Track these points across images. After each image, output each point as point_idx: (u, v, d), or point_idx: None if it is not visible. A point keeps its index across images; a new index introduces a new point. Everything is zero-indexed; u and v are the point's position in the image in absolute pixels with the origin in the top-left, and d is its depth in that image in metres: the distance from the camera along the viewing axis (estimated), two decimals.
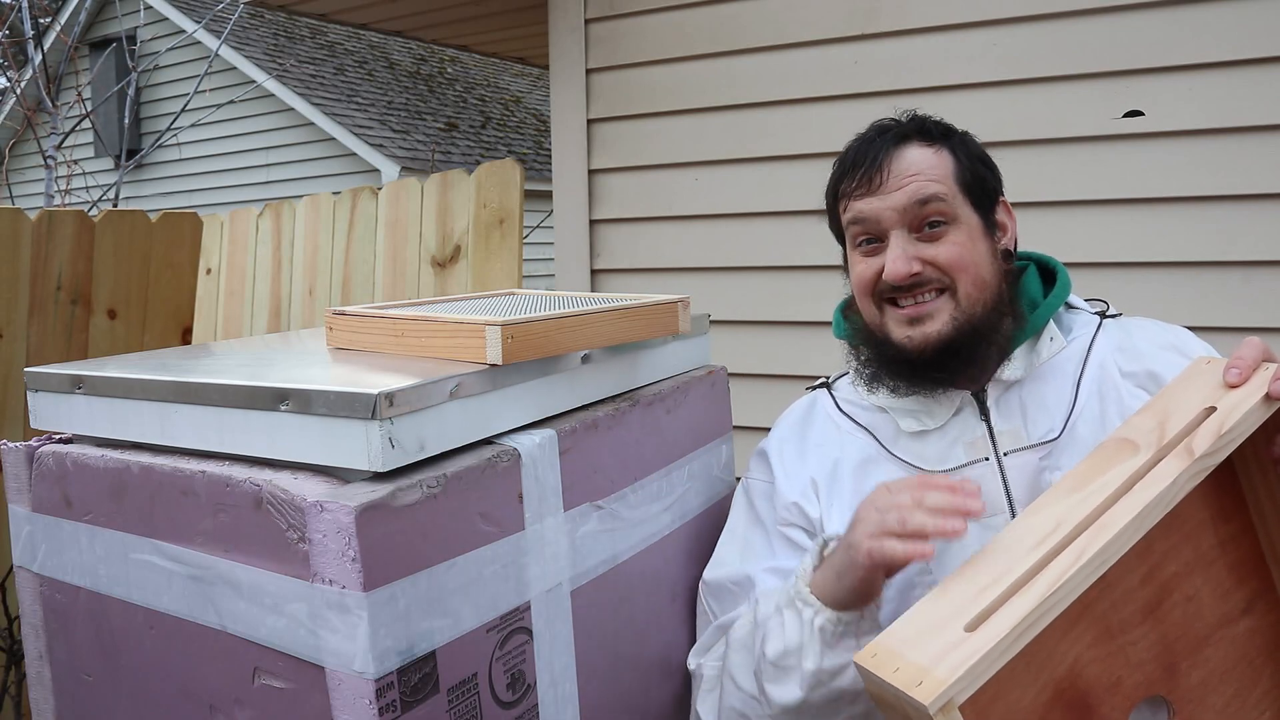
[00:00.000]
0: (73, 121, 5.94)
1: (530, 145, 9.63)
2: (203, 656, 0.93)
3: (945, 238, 1.09)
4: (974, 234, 1.11)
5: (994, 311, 1.11)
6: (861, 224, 1.11)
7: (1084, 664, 0.85)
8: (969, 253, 1.09)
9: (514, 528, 0.96)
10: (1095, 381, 1.11)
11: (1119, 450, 0.91)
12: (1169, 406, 0.93)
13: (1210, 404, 0.90)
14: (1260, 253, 2.03)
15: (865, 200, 1.11)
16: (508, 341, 0.97)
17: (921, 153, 1.11)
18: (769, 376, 2.49)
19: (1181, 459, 0.86)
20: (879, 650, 0.81)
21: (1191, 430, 0.88)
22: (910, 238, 1.09)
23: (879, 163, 1.10)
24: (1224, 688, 0.92)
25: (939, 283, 1.09)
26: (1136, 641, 0.88)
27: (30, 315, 2.49)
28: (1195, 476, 0.86)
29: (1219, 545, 0.93)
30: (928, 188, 1.08)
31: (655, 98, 2.69)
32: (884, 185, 1.09)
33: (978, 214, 1.12)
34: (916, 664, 0.77)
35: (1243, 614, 0.93)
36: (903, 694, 0.76)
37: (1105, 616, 0.86)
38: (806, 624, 1.00)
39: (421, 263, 2.36)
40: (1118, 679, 0.86)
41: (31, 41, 6.15)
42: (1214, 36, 2.05)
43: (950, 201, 1.09)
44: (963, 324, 1.09)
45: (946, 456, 1.12)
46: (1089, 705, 0.85)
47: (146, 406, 1.00)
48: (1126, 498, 0.85)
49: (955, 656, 0.76)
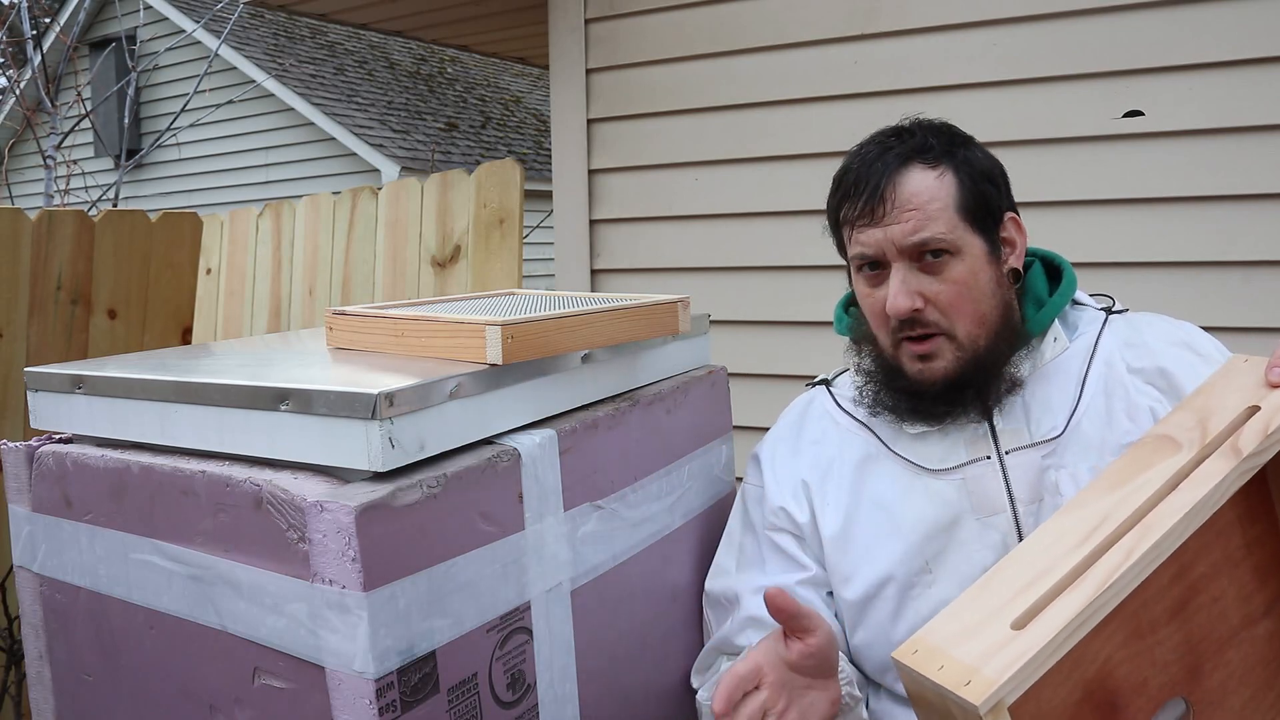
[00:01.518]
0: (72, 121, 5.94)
1: (530, 145, 9.63)
2: (203, 656, 0.93)
3: (946, 272, 1.07)
4: (976, 264, 1.08)
5: (998, 340, 1.10)
6: (863, 253, 1.10)
7: (1114, 664, 0.83)
8: (968, 290, 1.07)
9: (514, 528, 0.96)
10: (1101, 378, 1.11)
11: (1159, 448, 0.89)
12: (1209, 404, 0.92)
13: (1253, 403, 0.89)
14: (1260, 253, 2.03)
15: (867, 231, 1.09)
16: (508, 341, 0.97)
17: (923, 179, 1.07)
18: (769, 376, 2.49)
19: (1228, 458, 0.85)
20: (920, 647, 0.79)
21: (1236, 429, 0.87)
22: (911, 268, 1.07)
23: (880, 192, 1.07)
24: (1242, 690, 0.91)
25: (938, 326, 1.08)
26: (1163, 642, 0.87)
27: (30, 315, 2.49)
28: (1243, 475, 0.84)
29: (1245, 547, 0.92)
30: (927, 227, 1.06)
31: (655, 98, 2.69)
32: (885, 216, 1.07)
33: (981, 237, 1.09)
34: (962, 662, 0.75)
35: (1262, 616, 0.92)
36: (949, 693, 0.74)
37: (1136, 616, 0.85)
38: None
39: (421, 263, 2.36)
40: (1144, 680, 0.85)
41: (31, 41, 6.15)
42: (1214, 36, 2.05)
43: (951, 233, 1.07)
44: (967, 361, 1.08)
45: (948, 455, 1.12)
46: (1116, 706, 0.84)
47: (146, 406, 0.99)
48: (1173, 495, 0.83)
49: (1004, 655, 0.74)
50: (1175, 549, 0.81)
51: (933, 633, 0.80)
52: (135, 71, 6.61)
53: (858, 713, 1.06)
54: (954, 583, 1.07)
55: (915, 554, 1.10)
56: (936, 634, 0.80)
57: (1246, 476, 0.85)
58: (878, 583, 1.12)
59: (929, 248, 1.06)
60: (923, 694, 0.78)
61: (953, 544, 1.09)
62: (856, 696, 1.05)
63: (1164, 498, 0.84)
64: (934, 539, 1.10)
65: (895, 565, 1.11)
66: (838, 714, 0.99)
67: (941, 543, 1.10)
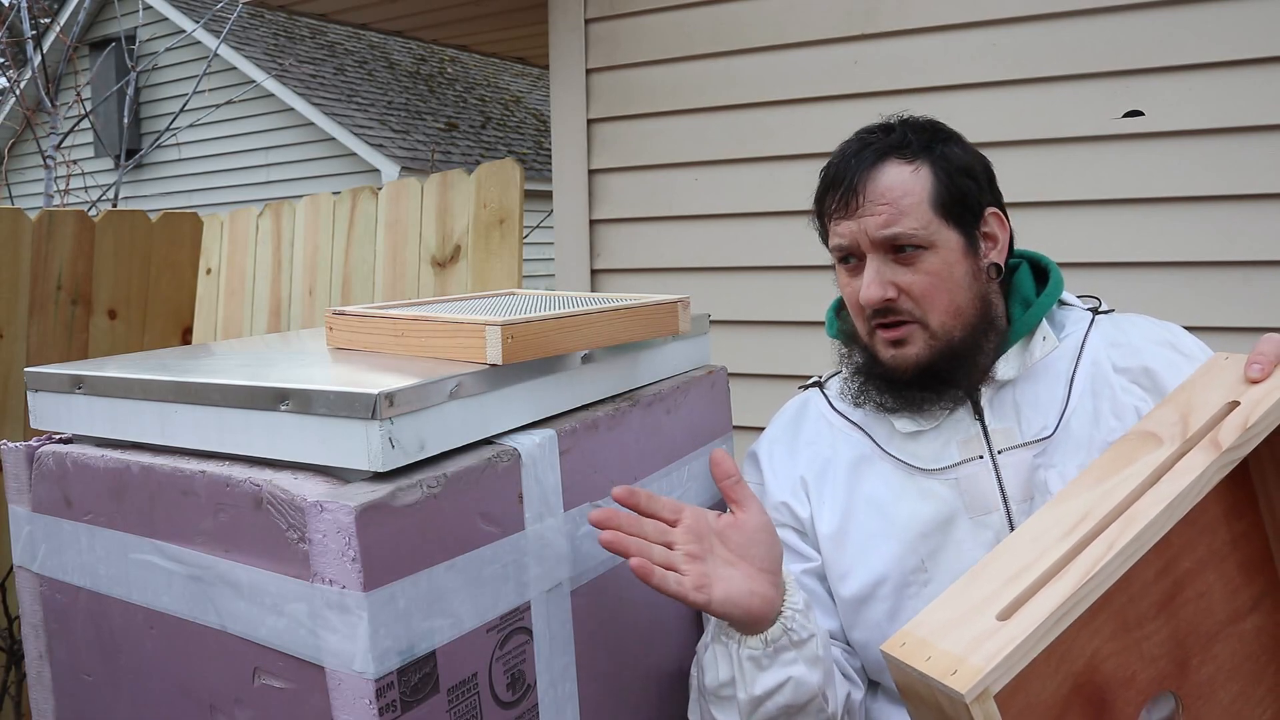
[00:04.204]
0: (72, 121, 5.94)
1: (530, 145, 9.63)
2: (203, 656, 0.93)
3: (919, 264, 1.09)
4: (951, 257, 1.09)
5: (973, 332, 1.11)
6: (840, 245, 1.13)
7: (1102, 658, 0.85)
8: (942, 281, 1.09)
9: (514, 528, 0.96)
10: (1088, 378, 1.12)
11: (1142, 443, 0.91)
12: (1190, 400, 0.93)
13: (1233, 398, 0.91)
14: (1260, 253, 2.03)
15: (843, 224, 1.11)
16: (508, 341, 0.97)
17: (898, 174, 1.09)
18: (769, 376, 2.49)
19: (1208, 452, 0.86)
20: (908, 639, 0.80)
21: (1216, 424, 0.89)
22: (885, 260, 1.09)
23: (854, 186, 1.10)
24: (1230, 685, 0.92)
25: (910, 314, 1.10)
26: (1150, 636, 0.88)
27: (30, 315, 2.49)
28: (1223, 469, 0.86)
29: (1231, 542, 0.93)
30: (899, 221, 1.08)
31: (655, 98, 2.69)
32: (860, 209, 1.09)
33: (958, 232, 1.10)
34: (949, 652, 0.76)
35: (1249, 611, 0.93)
36: (936, 682, 0.75)
37: (1123, 610, 0.86)
38: (734, 656, 1.01)
39: (421, 263, 2.36)
40: (1133, 673, 0.86)
41: (31, 41, 6.15)
42: (1214, 36, 2.05)
43: (924, 228, 1.08)
44: (940, 349, 1.10)
45: (941, 455, 1.13)
46: (1105, 700, 0.85)
47: (146, 406, 0.99)
48: (1155, 489, 0.85)
49: (990, 645, 0.75)
50: (1157, 541, 0.82)
51: (920, 625, 0.81)
52: (135, 71, 6.61)
53: (811, 648, 1.02)
54: (949, 581, 1.08)
55: (910, 553, 1.11)
56: (924, 626, 0.81)
57: (1227, 469, 0.86)
58: (873, 582, 1.13)
59: (900, 242, 1.08)
60: (911, 685, 0.79)
61: (947, 543, 1.10)
62: (806, 628, 1.02)
63: (1146, 491, 0.85)
64: (929, 538, 1.11)
65: (891, 564, 1.12)
66: (769, 618, 0.99)
67: (936, 541, 1.11)
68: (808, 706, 1.02)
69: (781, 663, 1.00)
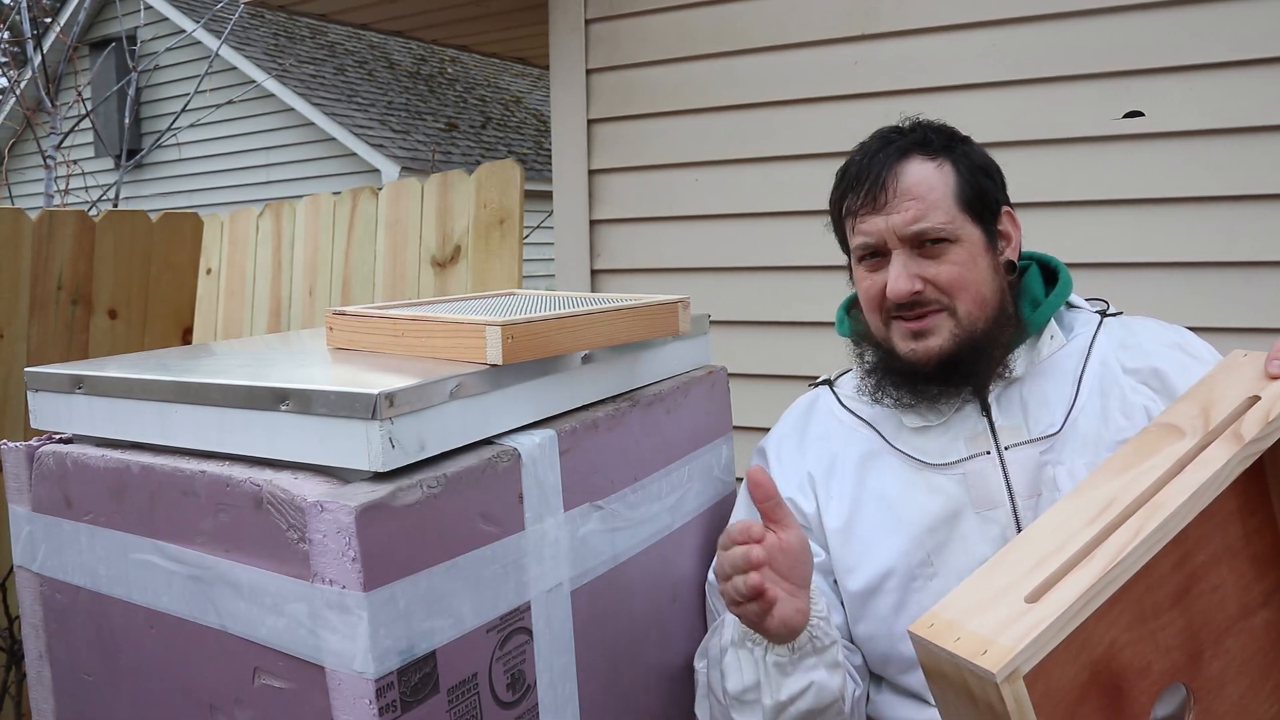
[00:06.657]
0: (72, 121, 5.94)
1: (530, 145, 9.62)
2: (203, 656, 0.93)
3: (945, 256, 1.10)
4: (975, 250, 1.12)
5: (994, 325, 1.12)
6: (866, 242, 1.13)
7: (1120, 647, 0.86)
8: (969, 272, 1.10)
9: (514, 528, 0.96)
10: (1097, 378, 1.13)
11: (1165, 435, 0.93)
12: (1211, 395, 0.95)
13: (1253, 393, 0.93)
14: (1261, 253, 2.03)
15: (869, 220, 1.12)
16: (508, 341, 0.97)
17: (923, 169, 1.11)
18: (769, 377, 2.49)
19: (1230, 444, 0.88)
20: (936, 621, 0.81)
21: (1238, 417, 0.91)
22: (912, 254, 1.11)
23: (882, 181, 1.11)
24: (1241, 679, 0.93)
25: (938, 303, 1.11)
26: (1166, 627, 0.89)
27: (31, 315, 2.49)
28: (1245, 460, 0.88)
29: (1244, 537, 0.94)
30: (927, 215, 1.09)
31: (656, 98, 2.69)
32: (887, 205, 1.10)
33: (979, 228, 1.12)
34: (978, 634, 0.77)
35: (1260, 607, 0.95)
36: (966, 663, 0.75)
37: (1141, 600, 0.87)
38: (760, 662, 1.03)
39: (421, 263, 2.36)
40: (1148, 663, 0.87)
41: (31, 41, 6.15)
42: (1214, 37, 2.05)
43: (951, 223, 1.10)
44: (963, 339, 1.11)
45: (948, 451, 1.14)
46: (1121, 689, 0.86)
47: (146, 406, 0.99)
48: (1179, 478, 0.86)
49: (1019, 626, 0.76)
50: (1179, 531, 0.84)
51: (948, 608, 0.82)
52: (135, 71, 6.61)
53: (832, 654, 1.05)
54: (954, 575, 1.09)
55: (917, 547, 1.12)
56: (951, 609, 0.81)
57: (1248, 461, 0.88)
58: (880, 575, 1.13)
59: (929, 236, 1.10)
60: (939, 667, 0.80)
61: (954, 537, 1.11)
62: (829, 635, 1.05)
63: (1170, 480, 0.87)
64: (935, 532, 1.12)
65: (897, 558, 1.13)
66: (801, 629, 1.02)
67: (942, 536, 1.11)
68: (828, 710, 1.04)
69: (805, 668, 1.02)
